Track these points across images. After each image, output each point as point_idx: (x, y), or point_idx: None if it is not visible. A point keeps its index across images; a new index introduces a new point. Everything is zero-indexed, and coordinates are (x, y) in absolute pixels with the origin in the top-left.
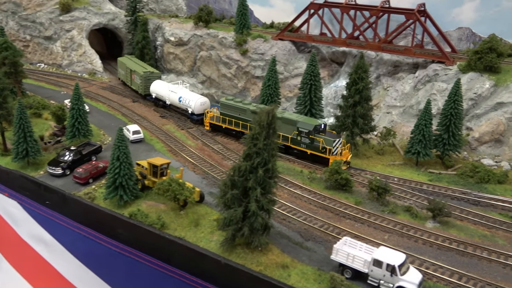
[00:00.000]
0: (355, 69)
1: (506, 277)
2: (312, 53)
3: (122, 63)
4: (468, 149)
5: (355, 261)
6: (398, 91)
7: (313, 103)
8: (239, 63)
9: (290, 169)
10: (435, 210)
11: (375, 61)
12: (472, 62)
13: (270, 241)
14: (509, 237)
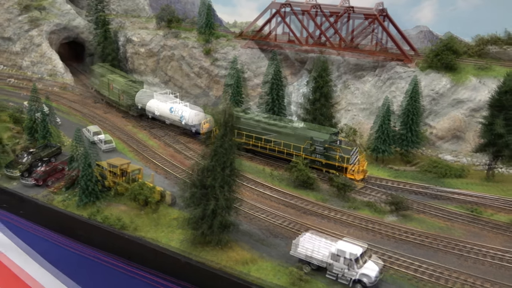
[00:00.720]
0: (316, 68)
1: (461, 266)
2: (274, 52)
3: (96, 72)
4: (428, 145)
5: (314, 256)
6: (360, 90)
7: (276, 102)
8: (202, 63)
9: (255, 168)
10: (394, 204)
11: (338, 61)
12: (430, 61)
13: (232, 239)
14: (464, 228)
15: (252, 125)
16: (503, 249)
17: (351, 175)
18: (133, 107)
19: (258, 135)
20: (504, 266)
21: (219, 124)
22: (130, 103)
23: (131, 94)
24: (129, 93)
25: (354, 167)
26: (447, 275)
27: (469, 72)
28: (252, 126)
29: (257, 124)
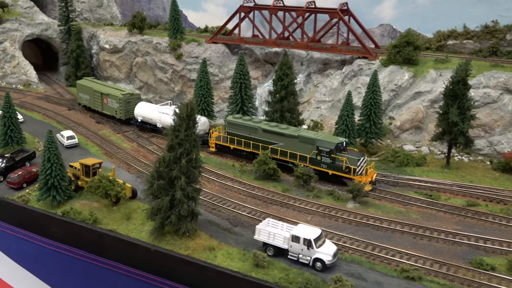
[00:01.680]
0: (280, 66)
1: (415, 246)
2: (241, 53)
3: (84, 87)
4: (391, 137)
5: (276, 239)
6: (327, 87)
7: (244, 101)
8: (175, 67)
9: (222, 163)
10: (354, 192)
11: (306, 59)
12: (392, 56)
13: (199, 228)
14: (421, 211)
15: (259, 133)
16: (456, 228)
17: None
18: (133, 120)
19: (265, 144)
20: (456, 242)
21: (181, 118)
22: (129, 116)
23: (130, 107)
24: (128, 107)
25: (361, 178)
26: (402, 254)
27: (429, 66)
28: (259, 135)
29: (264, 133)
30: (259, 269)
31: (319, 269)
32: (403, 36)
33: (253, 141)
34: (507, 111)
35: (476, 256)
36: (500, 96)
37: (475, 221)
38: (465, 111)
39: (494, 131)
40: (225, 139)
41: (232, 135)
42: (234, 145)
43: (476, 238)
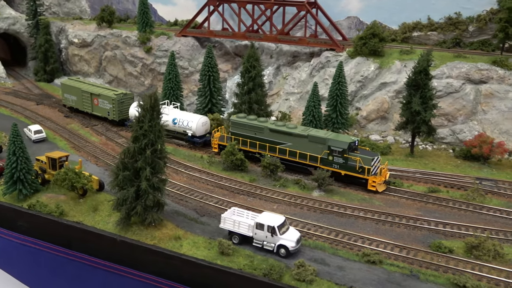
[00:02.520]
0: (247, 58)
1: (377, 231)
2: (208, 46)
3: (70, 87)
4: (358, 127)
5: (241, 227)
6: (296, 79)
7: (213, 94)
8: (144, 61)
9: (191, 155)
10: (319, 180)
11: (275, 52)
12: (358, 48)
13: (165, 218)
14: (384, 198)
15: (265, 133)
16: (417, 214)
17: (372, 187)
18: (127, 121)
19: (272, 145)
20: (416, 227)
21: (145, 109)
22: (122, 117)
23: (124, 108)
24: (121, 107)
25: (375, 178)
26: (364, 239)
27: (394, 57)
28: (265, 135)
29: (271, 133)
30: (224, 257)
31: (283, 256)
32: (369, 28)
33: (259, 142)
34: (468, 101)
35: (435, 240)
36: (462, 86)
37: (435, 207)
38: (427, 100)
39: (456, 120)
40: (229, 139)
41: (236, 136)
42: (238, 146)
43: (436, 223)
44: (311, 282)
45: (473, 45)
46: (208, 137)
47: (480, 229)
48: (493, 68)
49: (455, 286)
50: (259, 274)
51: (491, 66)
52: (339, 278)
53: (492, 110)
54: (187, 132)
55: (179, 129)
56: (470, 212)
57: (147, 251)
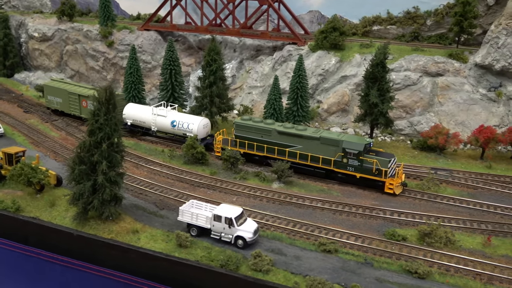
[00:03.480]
0: (208, 52)
1: (334, 221)
2: (170, 40)
3: (54, 89)
4: (319, 120)
5: (199, 219)
6: (259, 73)
7: (175, 88)
8: (106, 55)
9: (152, 149)
10: (278, 172)
11: (239, 46)
12: (319, 41)
13: (123, 212)
14: (342, 189)
15: (273, 136)
16: (373, 203)
17: (389, 190)
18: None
19: (281, 148)
20: (372, 216)
21: (100, 102)
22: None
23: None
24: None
25: (392, 180)
26: (321, 229)
27: (355, 50)
28: (273, 138)
29: (279, 136)
30: (182, 249)
31: (240, 247)
32: (330, 22)
33: (267, 145)
34: (426, 93)
35: (389, 228)
36: (420, 79)
37: (391, 197)
38: (385, 92)
39: (414, 112)
40: (233, 143)
41: (241, 139)
42: (244, 149)
43: (391, 212)
44: (268, 272)
45: (431, 39)
46: (209, 139)
47: (433, 217)
48: (449, 61)
49: (407, 273)
50: (216, 265)
51: (447, 59)
52: (295, 267)
53: (448, 102)
54: (187, 135)
55: (178, 132)
56: (425, 201)
57: (104, 245)
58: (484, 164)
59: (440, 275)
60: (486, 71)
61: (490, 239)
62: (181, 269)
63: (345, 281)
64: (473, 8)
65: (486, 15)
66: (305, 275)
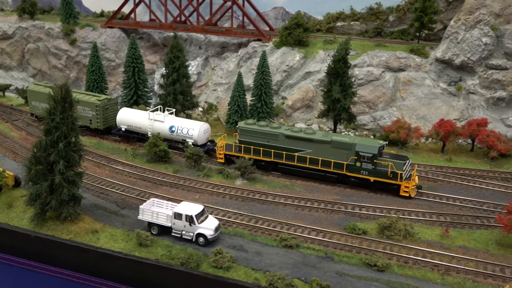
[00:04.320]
0: (171, 49)
1: (296, 216)
2: (132, 37)
3: (39, 94)
4: (284, 116)
5: (159, 218)
6: (224, 70)
7: (138, 85)
8: (69, 53)
9: (115, 148)
10: (241, 169)
11: (204, 43)
12: (283, 38)
13: (83, 212)
14: (305, 184)
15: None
16: (335, 198)
17: (405, 193)
18: (114, 129)
19: (289, 152)
20: (334, 211)
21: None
22: (108, 125)
23: (109, 115)
24: (106, 114)
25: (408, 183)
26: (283, 225)
27: (319, 47)
28: (280, 142)
29: (287, 140)
30: (142, 248)
31: (202, 244)
32: (293, 18)
33: (274, 149)
34: (388, 88)
35: (350, 222)
36: (382, 74)
37: (353, 191)
38: (347, 88)
39: (377, 107)
40: (237, 148)
41: (246, 144)
42: (250, 155)
43: (353, 206)
44: (228, 268)
45: (393, 35)
46: (209, 145)
47: (394, 211)
48: (411, 56)
49: (366, 266)
50: (176, 264)
51: (409, 54)
52: (256, 263)
53: (410, 97)
54: (187, 141)
55: (177, 138)
56: (386, 195)
57: (62, 245)
58: (444, 157)
59: (399, 267)
60: (447, 66)
61: (448, 230)
62: (140, 268)
63: (306, 276)
64: (432, 4)
65: (447, 10)
66: (266, 271)
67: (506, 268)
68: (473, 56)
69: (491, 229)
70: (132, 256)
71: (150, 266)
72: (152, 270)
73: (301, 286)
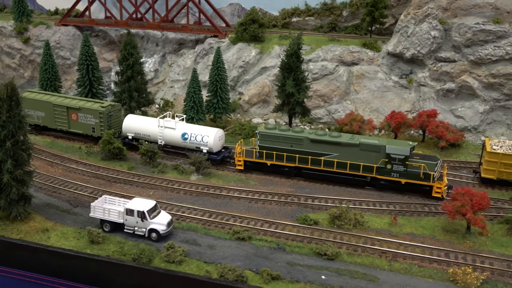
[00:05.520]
0: (124, 46)
1: (250, 209)
2: (85, 34)
3: (35, 102)
4: (241, 111)
5: (111, 215)
6: (181, 66)
7: (93, 83)
8: (22, 52)
9: (69, 147)
10: (196, 164)
11: (161, 40)
12: (239, 34)
13: (33, 211)
14: (260, 178)
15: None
16: (289, 190)
17: (437, 194)
18: (119, 137)
19: (315, 157)
20: (287, 203)
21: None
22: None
23: (113, 122)
24: (110, 121)
25: (440, 184)
26: (236, 218)
27: (274, 42)
28: (305, 146)
29: (312, 144)
30: (94, 245)
31: (154, 239)
32: (248, 14)
33: (299, 154)
34: (342, 82)
35: (302, 213)
36: (336, 68)
37: (306, 183)
38: (300, 82)
39: (332, 100)
40: (259, 154)
41: (267, 149)
42: (272, 161)
43: (305, 198)
44: (180, 262)
45: (347, 29)
46: (224, 152)
47: (345, 201)
48: (363, 50)
49: (317, 255)
50: (128, 259)
51: (362, 48)
52: (209, 257)
53: (363, 90)
54: (201, 148)
55: (191, 146)
56: (338, 186)
57: (12, 245)
58: None
59: (348, 255)
60: (398, 59)
61: (396, 218)
62: (91, 265)
63: (257, 267)
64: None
65: (398, 5)
66: (218, 263)
67: (450, 253)
68: (422, 49)
69: (438, 216)
70: (82, 254)
71: (100, 262)
72: (102, 267)
73: (252, 277)
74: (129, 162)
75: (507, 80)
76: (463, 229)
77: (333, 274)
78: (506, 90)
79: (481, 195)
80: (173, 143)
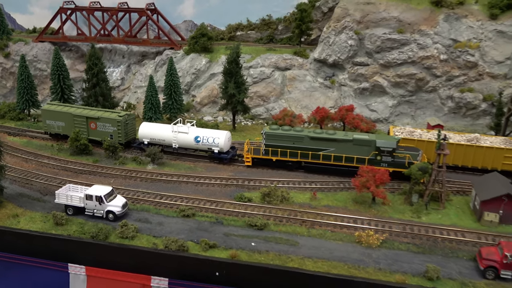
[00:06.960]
0: (89, 57)
1: (196, 191)
2: (55, 48)
3: (55, 113)
4: (194, 111)
5: (73, 200)
6: (143, 74)
7: (64, 90)
8: (4, 65)
9: (43, 145)
10: (151, 155)
11: (127, 53)
12: (191, 46)
13: (6, 200)
14: (206, 165)
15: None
16: (230, 175)
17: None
18: (135, 143)
19: (314, 152)
20: (227, 185)
21: None
22: (128, 139)
23: (129, 129)
24: (127, 129)
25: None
26: (183, 199)
27: (221, 52)
28: (305, 143)
29: (311, 141)
30: (58, 227)
31: (111, 219)
32: (198, 29)
33: (300, 150)
34: (277, 84)
35: (239, 193)
36: (272, 73)
37: (245, 169)
38: (240, 85)
39: (269, 100)
40: (264, 151)
41: (273, 147)
42: (277, 157)
43: (243, 180)
44: (133, 238)
45: (283, 41)
46: (232, 151)
47: (276, 182)
48: (295, 58)
49: (249, 226)
50: (87, 237)
51: (293, 56)
52: (158, 232)
53: (295, 90)
54: (213, 149)
55: (203, 147)
56: (271, 169)
57: None
58: None
59: (275, 225)
60: (323, 64)
61: (316, 194)
62: (54, 243)
63: (198, 238)
64: (309, 14)
65: (323, 20)
66: (165, 236)
67: (357, 220)
68: (342, 55)
69: (350, 191)
70: (46, 234)
71: (60, 240)
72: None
73: (192, 246)
74: (95, 156)
75: (409, 79)
76: (370, 200)
77: (261, 241)
78: (409, 87)
79: (382, 172)
80: (187, 146)
